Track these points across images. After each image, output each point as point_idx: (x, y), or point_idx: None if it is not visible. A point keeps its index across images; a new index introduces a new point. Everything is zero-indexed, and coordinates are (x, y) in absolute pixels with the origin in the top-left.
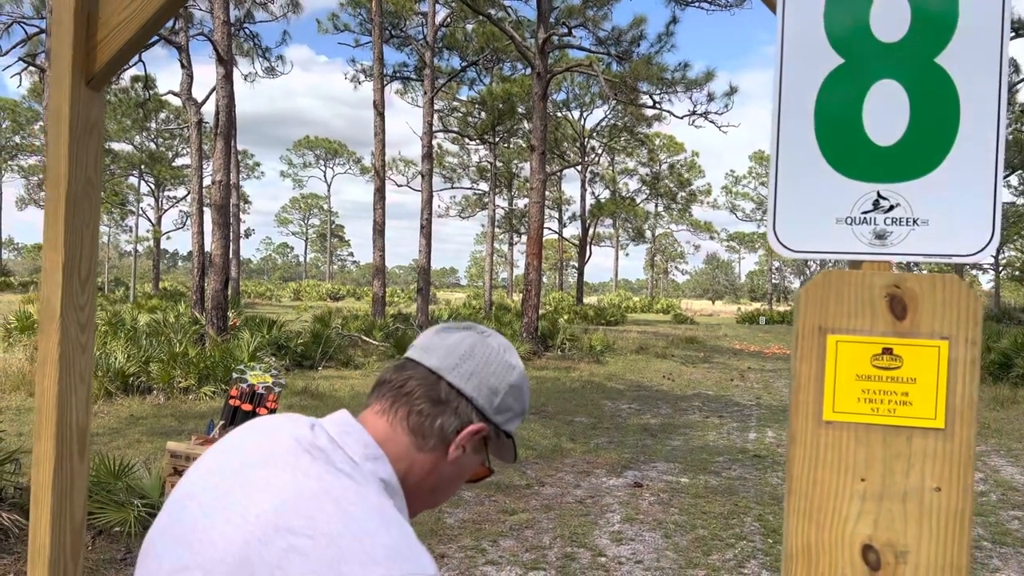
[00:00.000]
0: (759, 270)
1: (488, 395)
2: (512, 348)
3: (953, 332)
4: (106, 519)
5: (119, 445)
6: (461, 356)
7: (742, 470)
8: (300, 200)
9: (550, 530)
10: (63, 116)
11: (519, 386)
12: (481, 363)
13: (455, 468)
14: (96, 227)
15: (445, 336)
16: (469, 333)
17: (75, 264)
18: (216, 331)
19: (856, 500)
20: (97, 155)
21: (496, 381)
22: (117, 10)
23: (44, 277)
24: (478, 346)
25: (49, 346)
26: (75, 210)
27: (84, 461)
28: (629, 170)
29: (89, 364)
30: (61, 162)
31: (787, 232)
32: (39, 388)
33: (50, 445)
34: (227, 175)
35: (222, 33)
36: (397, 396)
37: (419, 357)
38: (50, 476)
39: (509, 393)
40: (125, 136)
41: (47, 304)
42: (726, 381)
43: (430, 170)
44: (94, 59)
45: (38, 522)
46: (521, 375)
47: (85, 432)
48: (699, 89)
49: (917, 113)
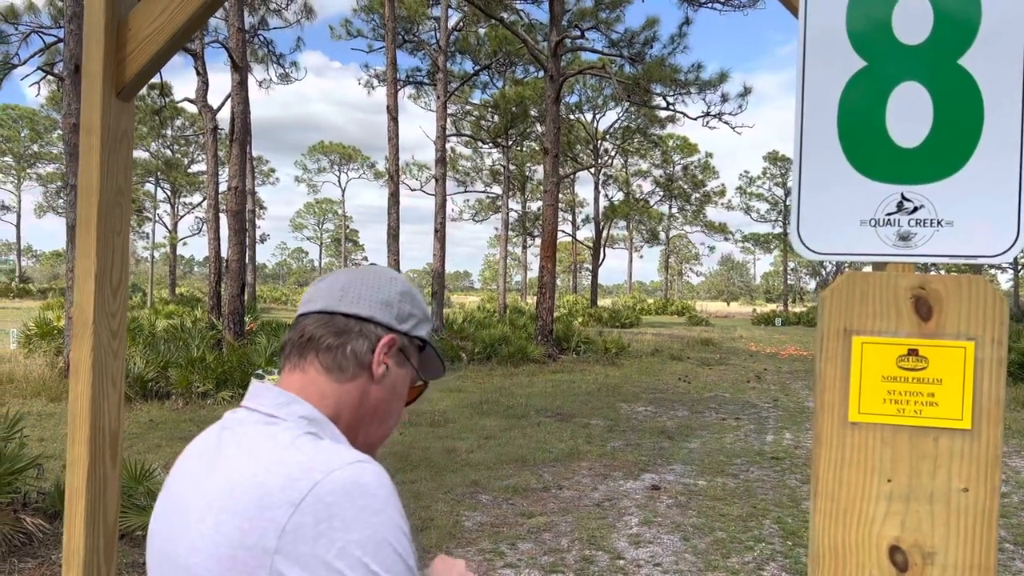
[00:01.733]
0: (774, 271)
1: (383, 308)
2: (388, 269)
3: (979, 333)
4: (127, 523)
5: (139, 450)
6: (342, 288)
7: (760, 472)
8: (315, 205)
9: (568, 533)
10: (95, 127)
11: (408, 292)
12: (363, 286)
13: (386, 387)
14: (127, 235)
15: (320, 282)
16: (341, 271)
17: (107, 272)
18: (233, 336)
19: (883, 501)
20: (127, 165)
21: (384, 295)
22: (146, 23)
23: (77, 285)
24: (353, 274)
25: (82, 352)
26: (106, 219)
27: (116, 465)
28: (643, 172)
29: (120, 369)
30: (93, 172)
31: (811, 234)
32: (72, 393)
33: (84, 449)
34: (242, 181)
35: (237, 40)
36: (302, 347)
37: (306, 309)
38: (84, 480)
39: (402, 300)
40: (142, 143)
41: (80, 311)
42: (742, 383)
43: (443, 174)
44: (124, 71)
45: (72, 525)
46: (405, 283)
47: (117, 436)
48: (713, 90)
49: (940, 115)
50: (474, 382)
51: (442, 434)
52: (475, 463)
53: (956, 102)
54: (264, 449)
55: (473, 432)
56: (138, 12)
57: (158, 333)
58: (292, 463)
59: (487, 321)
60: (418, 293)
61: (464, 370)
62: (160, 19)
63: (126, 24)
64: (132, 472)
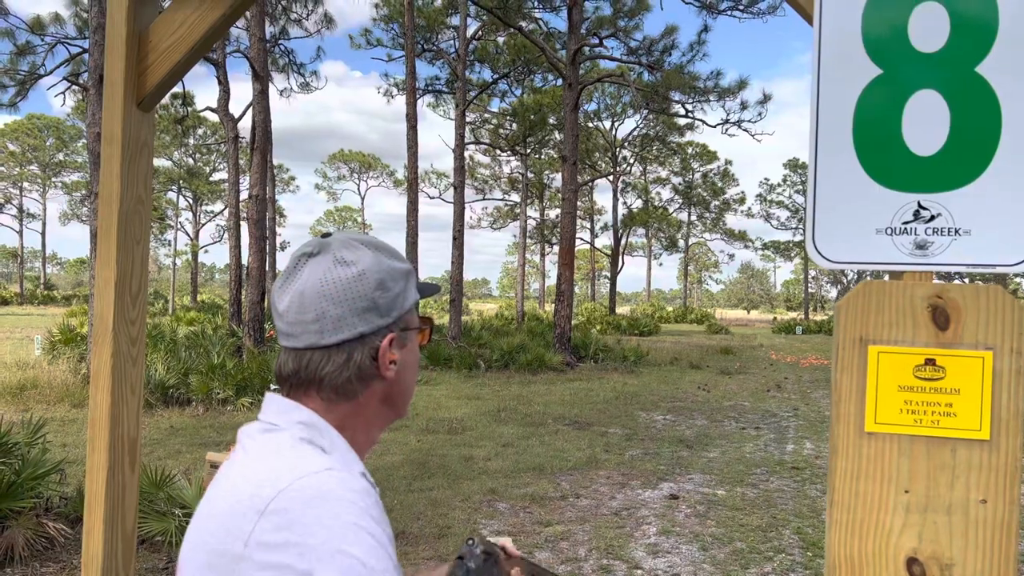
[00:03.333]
0: (795, 279)
1: (367, 316)
2: (348, 241)
3: (998, 342)
4: (148, 528)
5: (160, 455)
6: (316, 317)
7: (780, 482)
8: (335, 213)
9: (585, 542)
10: (115, 137)
11: (380, 279)
12: (333, 303)
13: (401, 375)
14: (146, 244)
15: (287, 305)
16: (301, 274)
17: (126, 280)
18: (253, 343)
19: (900, 512)
20: (147, 174)
21: (362, 301)
22: (166, 35)
23: (97, 292)
24: (318, 288)
25: (102, 359)
26: (126, 228)
27: (135, 471)
28: (662, 179)
29: (140, 377)
30: (114, 181)
31: (826, 243)
32: (92, 400)
33: (103, 456)
34: (263, 189)
35: (258, 50)
36: (300, 384)
37: (291, 344)
38: (103, 486)
39: (380, 293)
40: (164, 152)
41: (100, 319)
42: (762, 392)
43: (462, 182)
44: (144, 82)
45: (91, 531)
46: (373, 268)
47: (136, 443)
48: (732, 97)
49: (958, 123)
50: (492, 390)
51: (459, 442)
52: (492, 471)
53: (973, 110)
54: (252, 457)
55: (491, 440)
56: (158, 24)
57: (179, 340)
58: (264, 471)
59: (505, 329)
60: (390, 260)
61: (482, 378)
62: (180, 31)
63: (147, 36)
64: (152, 478)
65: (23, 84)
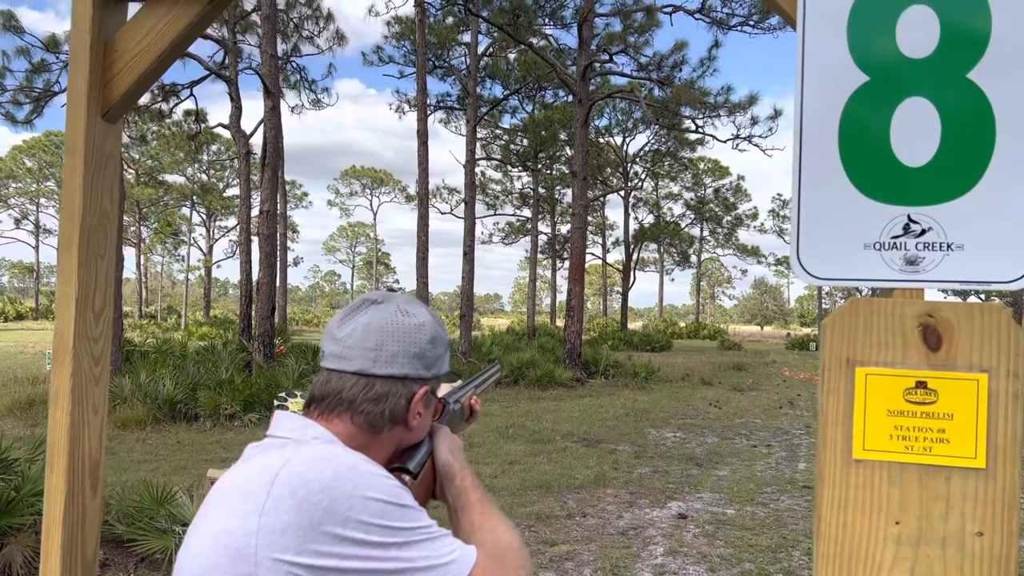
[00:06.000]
0: (808, 295)
1: (416, 362)
2: (411, 299)
3: (993, 364)
4: (148, 546)
5: (165, 471)
6: (375, 347)
7: (791, 501)
8: (347, 228)
9: (591, 562)
10: (78, 149)
11: (435, 336)
12: (394, 340)
13: (418, 430)
14: (111, 259)
15: (348, 332)
16: (365, 313)
17: (89, 297)
18: (263, 358)
19: (890, 545)
20: (113, 187)
21: (416, 347)
22: (132, 43)
23: (57, 310)
24: (383, 325)
25: (62, 378)
26: (89, 242)
27: (97, 495)
28: (673, 195)
29: (103, 396)
30: (76, 194)
31: (812, 258)
32: (51, 420)
33: (61, 479)
34: (274, 205)
35: (270, 67)
36: (336, 405)
37: (340, 367)
38: (61, 510)
39: (430, 347)
40: (178, 168)
41: (60, 337)
42: (775, 409)
43: (473, 198)
44: (111, 91)
45: (48, 557)
46: (431, 324)
47: (98, 465)
48: (742, 113)
49: (949, 132)
50: (500, 406)
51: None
52: (498, 488)
53: (965, 118)
54: (276, 459)
55: (498, 457)
56: (125, 32)
57: (189, 355)
58: (271, 458)
59: (515, 344)
60: (441, 326)
61: (491, 393)
62: (147, 40)
63: (113, 44)
64: (154, 494)
65: (38, 101)
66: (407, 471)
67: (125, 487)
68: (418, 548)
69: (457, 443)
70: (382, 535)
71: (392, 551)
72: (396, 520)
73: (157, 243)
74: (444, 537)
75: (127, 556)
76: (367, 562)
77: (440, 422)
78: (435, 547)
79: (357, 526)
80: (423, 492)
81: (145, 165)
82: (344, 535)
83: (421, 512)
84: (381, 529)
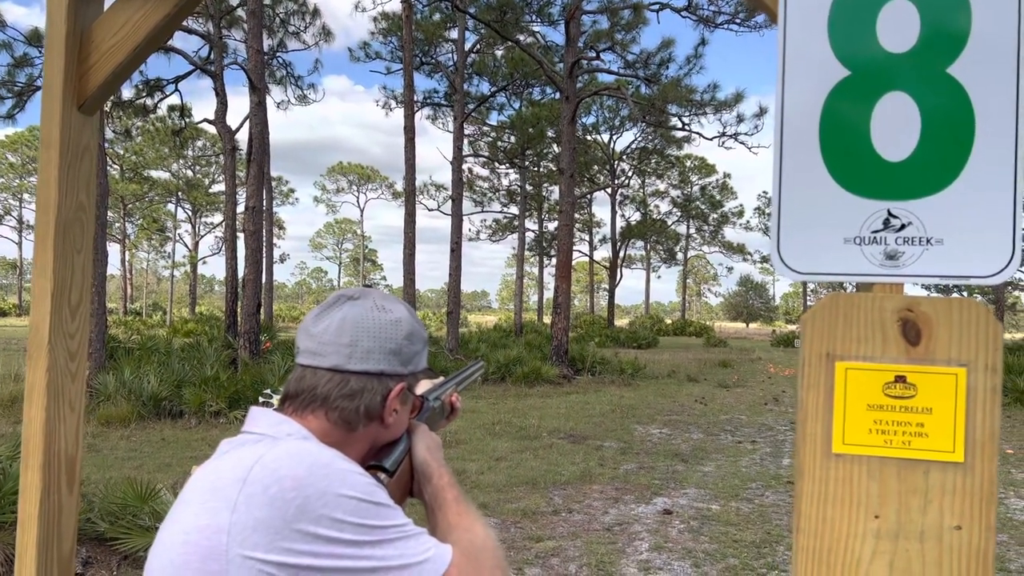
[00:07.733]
0: (794, 292)
1: (391, 358)
2: (388, 296)
3: (971, 358)
4: (132, 544)
5: (149, 468)
6: (350, 343)
7: (775, 497)
8: (334, 225)
9: (576, 558)
10: (53, 141)
11: (411, 332)
12: (369, 336)
13: (394, 426)
14: (88, 253)
15: (323, 328)
16: (341, 308)
17: (65, 291)
18: (249, 355)
19: (869, 539)
20: (89, 180)
21: (391, 343)
22: (108, 35)
23: (32, 304)
24: (358, 320)
25: (37, 374)
26: (65, 236)
27: (73, 492)
28: (660, 192)
29: (80, 392)
30: (51, 187)
31: (792, 253)
32: (26, 417)
33: (36, 475)
34: (260, 201)
35: (255, 62)
36: (311, 401)
37: (315, 363)
38: (36, 507)
39: (407, 343)
40: (163, 164)
41: (36, 332)
42: (760, 405)
43: (460, 194)
44: (87, 83)
45: (23, 555)
46: (408, 320)
47: (75, 461)
48: (728, 110)
49: (929, 126)
50: (487, 403)
51: (452, 455)
52: (485, 485)
53: (945, 113)
54: (250, 455)
55: (484, 453)
56: (101, 24)
57: (174, 351)
58: (244, 455)
59: (502, 341)
60: (418, 322)
61: (477, 390)
62: (123, 31)
63: (89, 35)
64: (138, 491)
65: (20, 96)
66: (383, 469)
67: (109, 484)
68: (392, 547)
69: (435, 441)
70: (356, 533)
71: (366, 549)
72: (370, 518)
73: (142, 239)
74: (419, 536)
75: (110, 554)
76: (340, 560)
77: (419, 419)
78: (410, 545)
79: (331, 524)
80: (400, 490)
81: (129, 160)
82: (317, 533)
83: (396, 510)
84: (355, 527)
